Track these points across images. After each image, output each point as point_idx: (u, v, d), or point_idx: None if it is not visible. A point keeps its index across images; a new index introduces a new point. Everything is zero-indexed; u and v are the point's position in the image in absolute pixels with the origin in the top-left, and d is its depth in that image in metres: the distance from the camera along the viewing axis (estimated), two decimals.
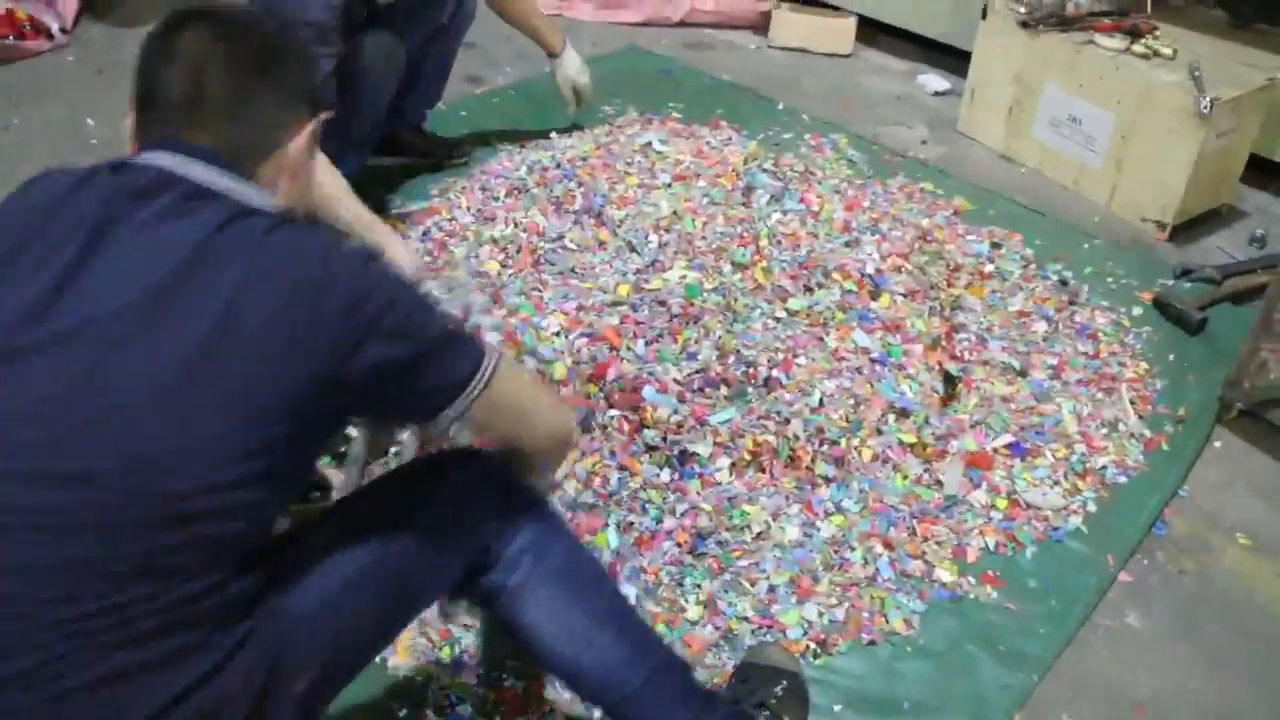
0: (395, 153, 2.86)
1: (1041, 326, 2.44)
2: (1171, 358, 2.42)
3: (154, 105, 1.18)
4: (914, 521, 1.96)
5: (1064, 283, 2.61)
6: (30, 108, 3.19)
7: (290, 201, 1.24)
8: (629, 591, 1.80)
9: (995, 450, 2.10)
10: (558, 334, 2.14)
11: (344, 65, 2.35)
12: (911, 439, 2.07)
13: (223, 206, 1.11)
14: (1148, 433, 2.21)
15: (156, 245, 1.07)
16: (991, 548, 1.94)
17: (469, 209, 2.58)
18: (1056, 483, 2.06)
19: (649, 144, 2.70)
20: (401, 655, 1.72)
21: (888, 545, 1.90)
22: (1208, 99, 2.67)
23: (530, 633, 1.38)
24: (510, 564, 1.35)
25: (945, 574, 1.88)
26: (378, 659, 1.70)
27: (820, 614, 1.80)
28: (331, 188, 2.17)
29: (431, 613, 1.69)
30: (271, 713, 1.13)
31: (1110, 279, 2.66)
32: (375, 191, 2.66)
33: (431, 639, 1.74)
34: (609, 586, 1.46)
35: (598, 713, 1.52)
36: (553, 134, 2.96)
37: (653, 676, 1.39)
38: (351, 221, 2.27)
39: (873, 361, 2.19)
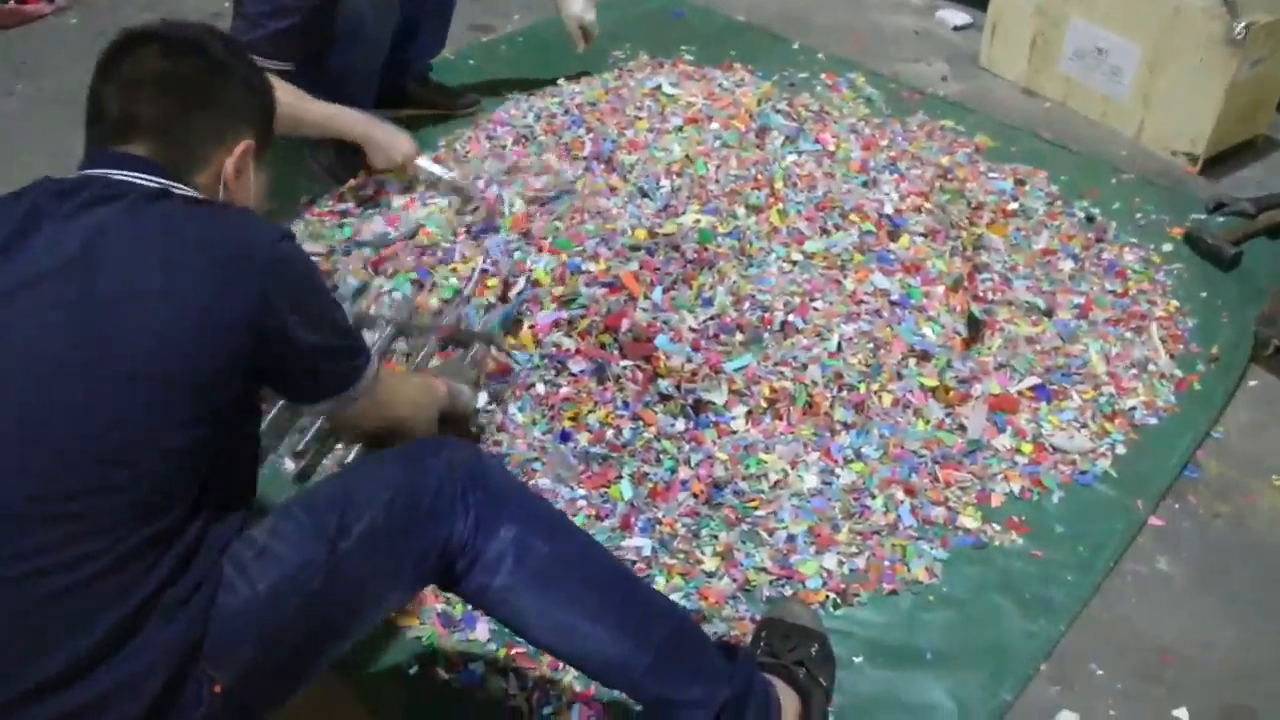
0: (401, 104, 2.78)
1: (1068, 265, 2.37)
2: (1204, 295, 2.34)
3: (96, 122, 1.28)
4: (936, 467, 1.90)
5: (1090, 219, 2.53)
6: (33, 73, 3.15)
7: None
8: (643, 544, 1.77)
9: (1020, 393, 2.04)
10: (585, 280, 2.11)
11: (333, 17, 2.29)
12: (933, 383, 2.01)
13: (144, 192, 1.19)
14: (1179, 373, 2.14)
15: (75, 227, 1.13)
16: (1017, 493, 1.88)
17: (478, 159, 2.52)
18: (1084, 425, 2.00)
19: (659, 87, 2.62)
20: (412, 616, 1.68)
21: (909, 492, 1.85)
22: (1242, 24, 2.56)
23: (524, 632, 1.35)
24: (491, 566, 1.30)
25: (969, 520, 1.83)
26: (386, 618, 1.68)
27: (840, 563, 1.76)
28: (290, 96, 2.12)
29: None
30: (190, 701, 1.10)
31: (1139, 214, 2.57)
32: None
33: (445, 596, 1.70)
34: (602, 571, 1.38)
35: None
36: (561, 81, 2.88)
37: (660, 655, 1.34)
38: (322, 120, 2.28)
39: (892, 304, 2.12)
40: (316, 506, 1.26)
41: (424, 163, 2.40)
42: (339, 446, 1.96)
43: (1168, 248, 2.46)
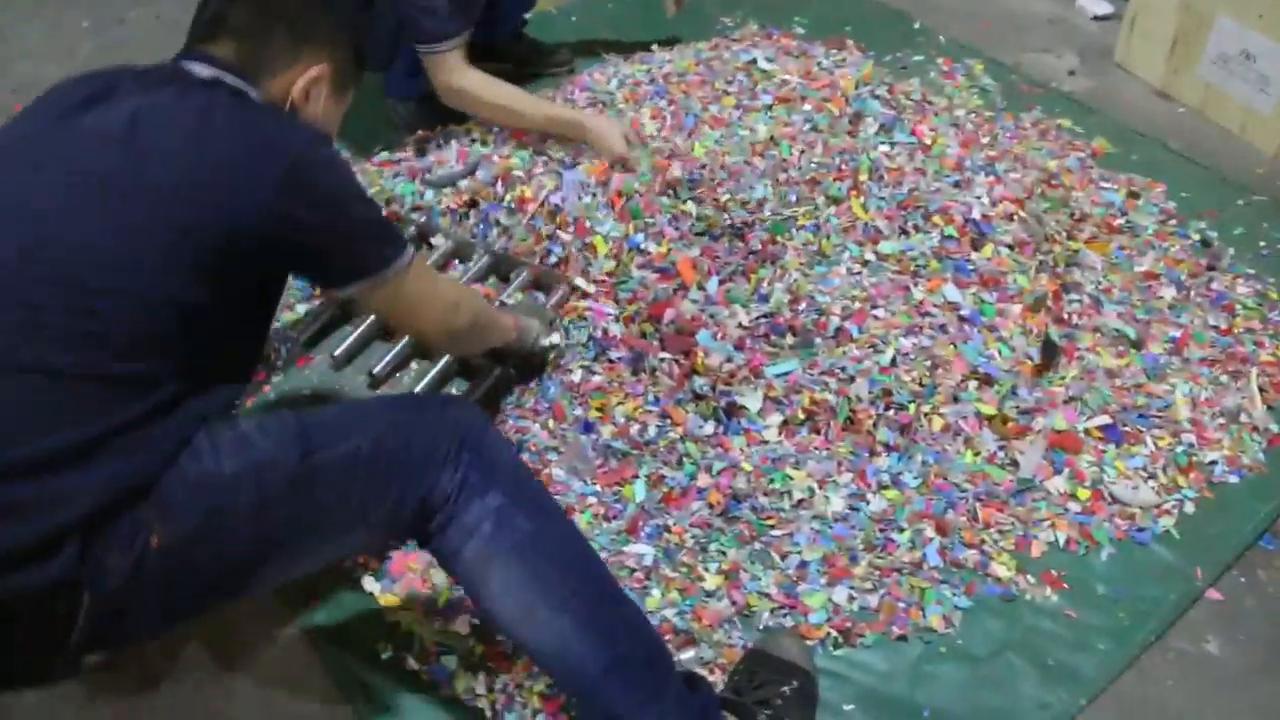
0: (489, 60, 2.68)
1: (1170, 292, 2.16)
2: None
3: (194, 22, 1.40)
4: (977, 505, 1.76)
5: (1206, 243, 2.30)
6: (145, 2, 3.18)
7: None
8: (646, 551, 1.69)
9: (1087, 431, 1.87)
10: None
11: None
12: (991, 411, 1.86)
13: (215, 86, 1.30)
14: (1274, 427, 1.92)
15: (134, 100, 1.23)
16: (1061, 543, 1.73)
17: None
18: (1153, 476, 1.82)
19: (753, 61, 2.49)
20: (394, 597, 1.64)
21: (941, 530, 1.71)
22: None
23: (487, 605, 1.29)
24: (468, 529, 1.27)
25: (1001, 568, 1.68)
26: (370, 595, 1.64)
27: (851, 599, 1.64)
28: (510, 96, 2.31)
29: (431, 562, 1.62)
30: (123, 538, 1.11)
31: (1263, 242, 2.32)
32: None
33: (433, 583, 1.65)
34: (581, 565, 1.33)
35: None
36: (654, 46, 2.76)
37: (614, 667, 1.27)
38: (542, 120, 2.31)
39: (961, 319, 1.97)
40: (309, 420, 1.28)
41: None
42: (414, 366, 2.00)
43: None
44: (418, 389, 1.90)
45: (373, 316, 2.02)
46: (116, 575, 1.10)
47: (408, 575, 1.67)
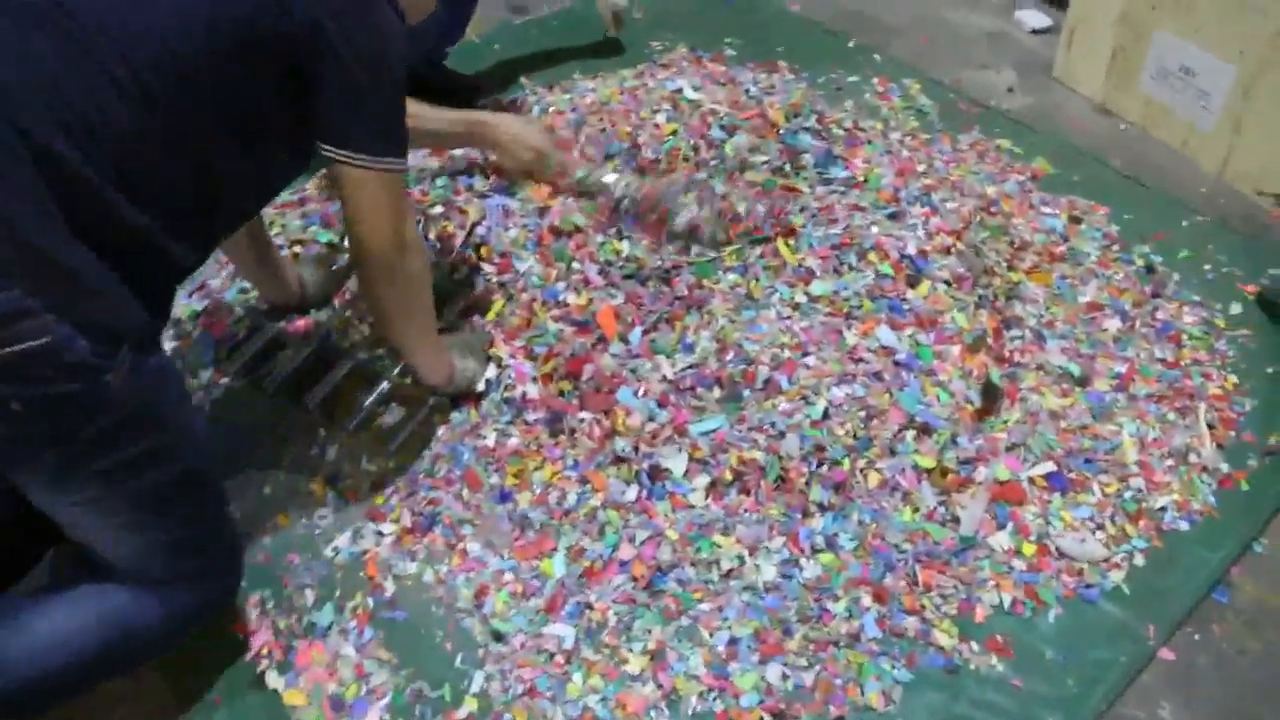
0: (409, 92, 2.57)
1: (1114, 324, 2.08)
2: (1270, 370, 2.03)
3: None
4: (917, 567, 1.66)
5: (1150, 269, 2.22)
6: None
7: None
8: (566, 633, 1.58)
9: (1031, 480, 1.78)
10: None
11: None
12: (930, 463, 1.77)
13: None
14: (1225, 467, 1.85)
15: None
16: (1006, 606, 1.64)
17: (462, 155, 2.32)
18: (1100, 526, 1.74)
19: (679, 90, 2.39)
20: (299, 693, 1.53)
21: (879, 597, 1.62)
22: None
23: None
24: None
25: (943, 637, 1.59)
26: (274, 692, 1.53)
27: (785, 676, 1.54)
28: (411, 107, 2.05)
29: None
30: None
31: (1208, 266, 2.25)
32: None
33: (340, 676, 1.54)
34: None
35: None
36: (576, 75, 2.66)
37: None
38: (445, 127, 2.13)
39: (896, 364, 1.87)
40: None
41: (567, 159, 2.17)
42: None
43: (1236, 309, 2.15)
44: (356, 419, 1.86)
45: (312, 348, 1.97)
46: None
47: (312, 669, 1.56)
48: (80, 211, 1.17)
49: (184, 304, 2.13)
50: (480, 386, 1.87)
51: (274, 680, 1.56)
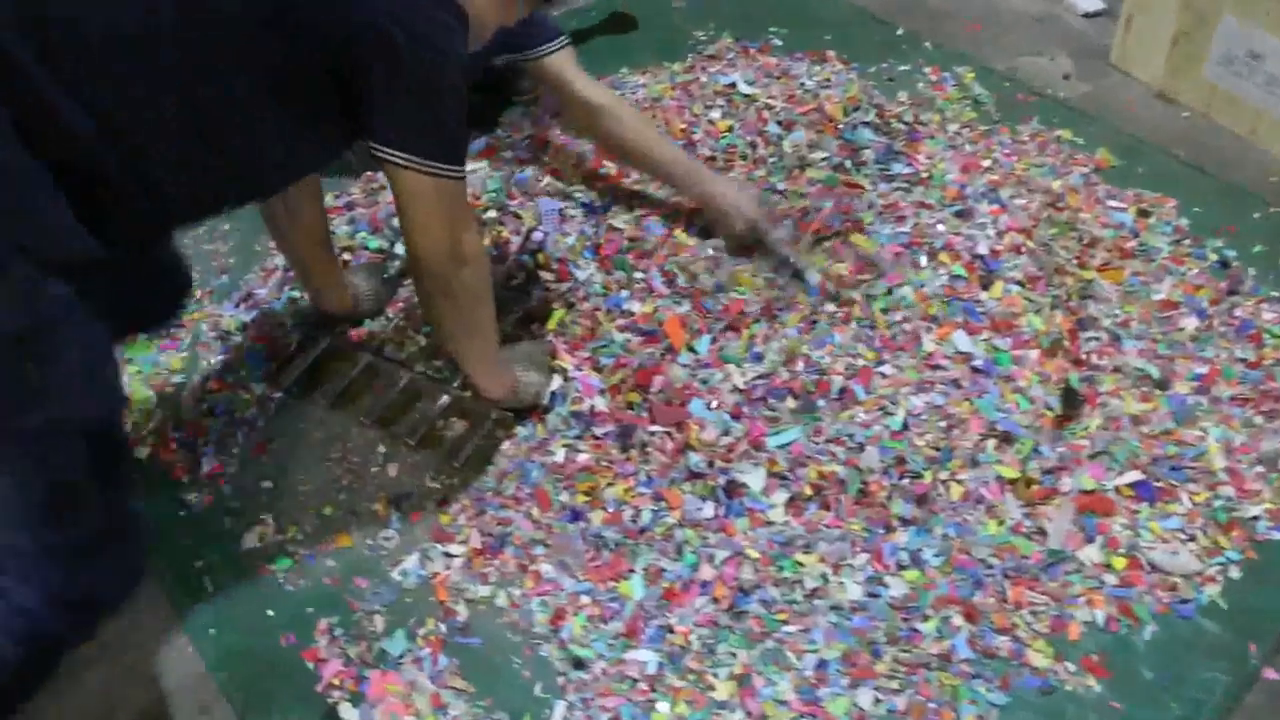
0: None
1: (1191, 323, 2.01)
2: None
3: None
4: (1006, 583, 1.61)
5: (1225, 264, 2.15)
6: None
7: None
8: (649, 658, 1.53)
9: (1118, 490, 1.72)
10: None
11: None
12: (1013, 473, 1.71)
13: None
14: None
15: None
16: (1101, 623, 1.58)
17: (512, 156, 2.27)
18: (1192, 537, 1.68)
19: (733, 85, 2.32)
20: None
21: (970, 616, 1.56)
22: None
23: None
24: None
25: (1038, 656, 1.54)
26: None
27: (877, 701, 1.49)
28: (649, 132, 2.07)
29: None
30: None
31: None
32: None
33: (417, 707, 1.49)
34: None
35: None
36: (624, 69, 2.59)
37: None
38: (669, 161, 2.06)
39: (974, 370, 1.82)
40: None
41: (775, 235, 2.03)
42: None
43: None
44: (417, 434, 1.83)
45: (367, 360, 1.93)
46: None
47: (388, 699, 1.51)
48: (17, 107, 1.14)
49: (230, 315, 2.08)
50: (545, 400, 1.81)
51: (348, 713, 1.50)
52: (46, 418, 1.23)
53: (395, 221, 2.11)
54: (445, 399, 1.84)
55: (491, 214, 2.07)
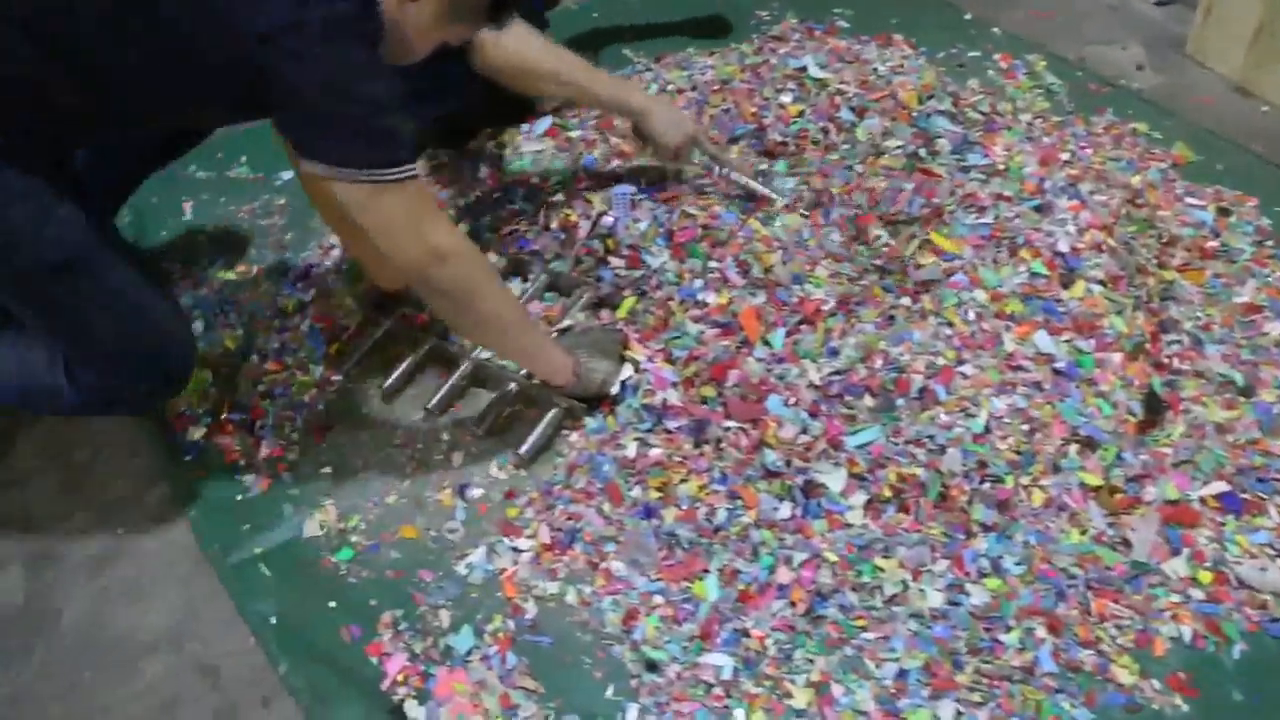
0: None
1: (1275, 327, 1.94)
2: None
3: None
4: (1090, 594, 1.56)
5: None
6: None
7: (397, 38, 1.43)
8: (724, 663, 1.49)
9: (1203, 501, 1.67)
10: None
11: None
12: (1097, 481, 1.66)
13: None
14: None
15: None
16: (1188, 639, 1.53)
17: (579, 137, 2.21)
18: None
19: (803, 69, 2.26)
20: None
21: (1053, 628, 1.52)
22: None
23: None
24: None
25: (1123, 672, 1.49)
26: None
27: (959, 714, 1.45)
28: (579, 67, 1.96)
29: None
30: None
31: None
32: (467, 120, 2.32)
33: (485, 707, 1.46)
34: None
35: None
36: (691, 50, 2.53)
37: None
38: (608, 92, 2.00)
39: (1056, 373, 1.76)
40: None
41: (708, 148, 2.04)
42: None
43: None
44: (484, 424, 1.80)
45: (431, 343, 1.90)
46: None
47: (456, 698, 1.47)
48: None
49: (288, 294, 2.04)
50: (615, 389, 1.76)
51: (414, 711, 1.47)
52: (13, 271, 1.45)
53: (461, 201, 2.08)
54: (512, 386, 1.80)
55: (558, 197, 2.01)
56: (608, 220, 1.95)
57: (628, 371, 1.77)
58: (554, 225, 1.97)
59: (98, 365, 1.59)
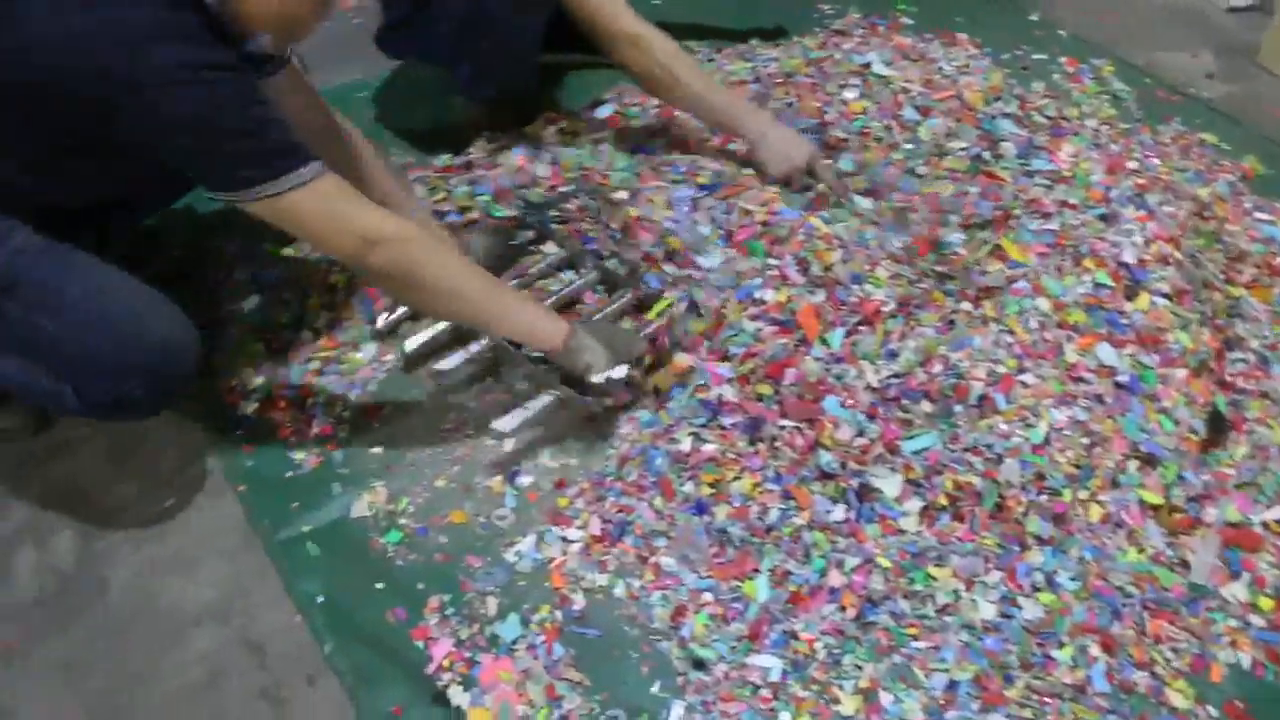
0: (557, 47, 2.38)
1: None
2: None
3: None
4: (1145, 615, 1.54)
5: None
6: None
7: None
8: (772, 665, 1.47)
9: (1265, 525, 1.64)
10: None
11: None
12: (1156, 499, 1.63)
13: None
14: None
15: None
16: (1246, 666, 1.51)
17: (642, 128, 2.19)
18: None
19: (868, 65, 2.23)
20: (485, 712, 1.44)
21: (1107, 646, 1.50)
22: None
23: None
24: None
25: (1177, 696, 1.47)
26: (458, 709, 1.44)
27: None
28: (699, 80, 2.01)
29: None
30: None
31: None
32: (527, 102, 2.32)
33: (530, 697, 1.45)
34: None
35: None
36: (754, 41, 2.50)
37: None
38: (722, 108, 2.03)
39: (1118, 386, 1.74)
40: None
41: (823, 176, 2.02)
42: None
43: None
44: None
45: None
46: None
47: (500, 687, 1.46)
48: None
49: (340, 272, 2.03)
50: (597, 378, 1.70)
51: (458, 697, 1.46)
52: None
53: (524, 193, 2.06)
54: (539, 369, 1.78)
55: (621, 194, 1.99)
56: (667, 224, 1.92)
57: (621, 371, 1.72)
58: (613, 225, 1.95)
59: (81, 378, 1.59)
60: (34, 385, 1.60)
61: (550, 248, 2.00)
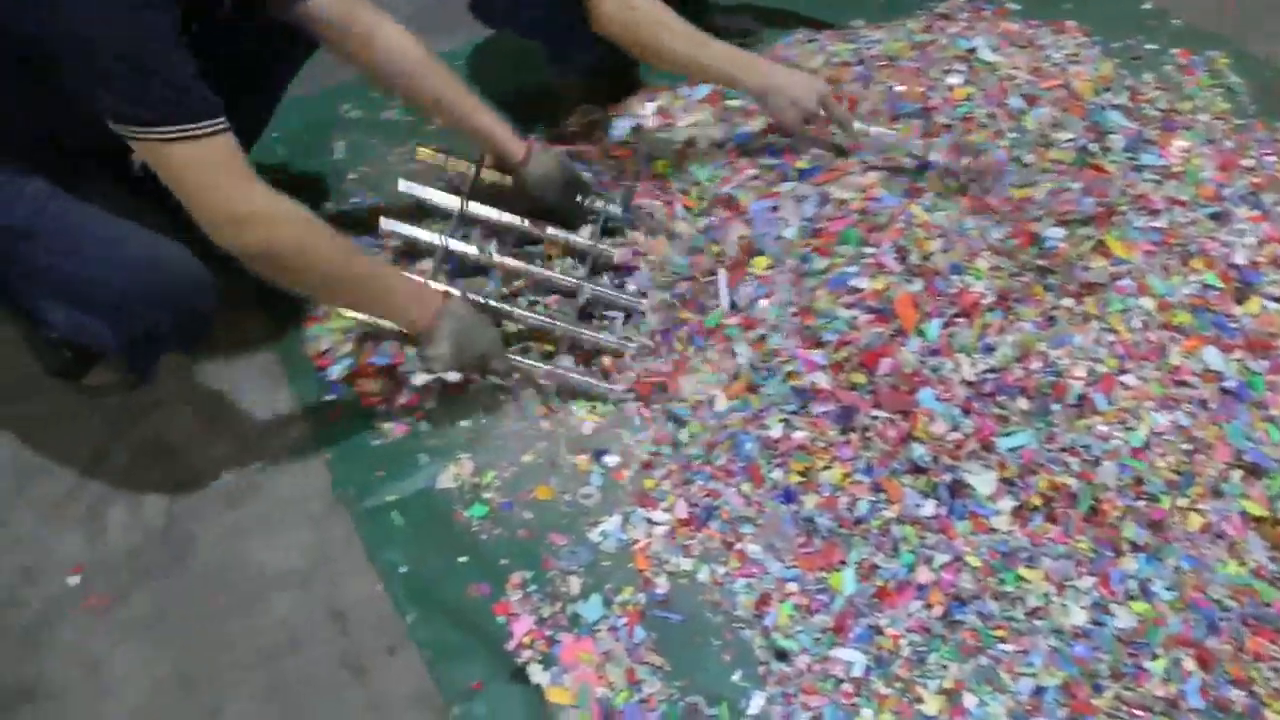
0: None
1: None
2: None
3: None
4: (1244, 630, 1.49)
5: None
6: None
7: None
8: (856, 659, 1.45)
9: None
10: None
11: None
12: (1260, 511, 1.58)
13: None
14: None
15: None
16: None
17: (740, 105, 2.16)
18: None
19: (973, 50, 2.17)
20: (564, 691, 1.44)
21: (1203, 661, 1.45)
22: None
23: None
24: None
25: (1276, 718, 1.42)
26: (538, 688, 1.44)
27: None
28: (688, 40, 1.92)
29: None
30: None
31: None
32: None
33: (610, 679, 1.45)
34: None
35: None
36: (859, 22, 2.45)
37: None
38: (722, 61, 1.94)
39: (1224, 392, 1.68)
40: None
41: (837, 113, 1.96)
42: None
43: None
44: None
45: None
46: None
47: (580, 667, 1.47)
48: None
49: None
50: (427, 375, 1.72)
51: (538, 675, 1.47)
52: None
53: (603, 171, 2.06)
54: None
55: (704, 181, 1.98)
56: (756, 230, 1.89)
57: (453, 377, 1.70)
58: (693, 230, 1.95)
59: (111, 316, 1.59)
60: (79, 326, 1.62)
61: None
